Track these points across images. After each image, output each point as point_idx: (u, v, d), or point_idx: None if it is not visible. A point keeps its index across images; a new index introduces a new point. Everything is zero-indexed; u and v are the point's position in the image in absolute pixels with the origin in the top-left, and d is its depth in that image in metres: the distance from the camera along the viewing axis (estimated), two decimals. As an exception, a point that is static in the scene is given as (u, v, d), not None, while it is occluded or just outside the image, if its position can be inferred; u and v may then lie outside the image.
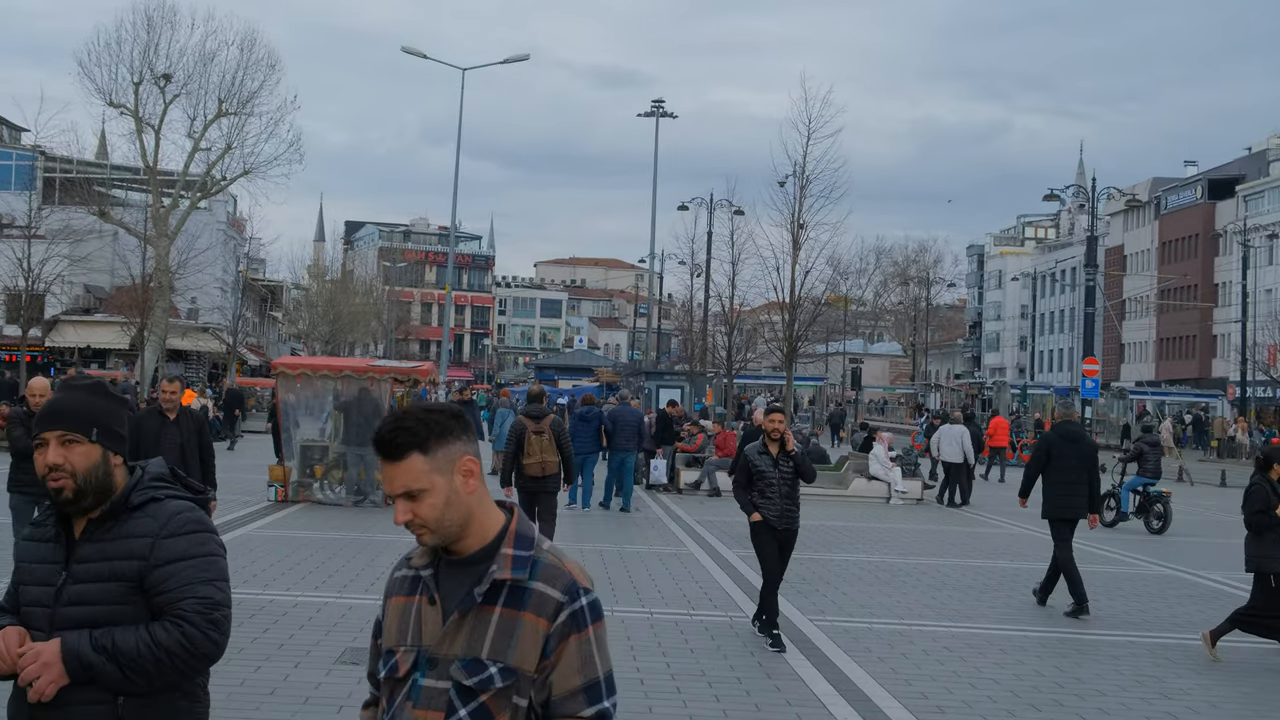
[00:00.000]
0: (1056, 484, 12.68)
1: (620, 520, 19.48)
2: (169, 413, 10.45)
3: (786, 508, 10.40)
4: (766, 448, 10.40)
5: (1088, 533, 20.50)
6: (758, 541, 10.45)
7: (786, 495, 10.39)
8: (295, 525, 16.88)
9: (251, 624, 9.86)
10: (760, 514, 10.30)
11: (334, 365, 20.24)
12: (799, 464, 10.48)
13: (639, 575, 13.60)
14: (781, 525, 10.37)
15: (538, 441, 13.37)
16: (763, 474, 10.31)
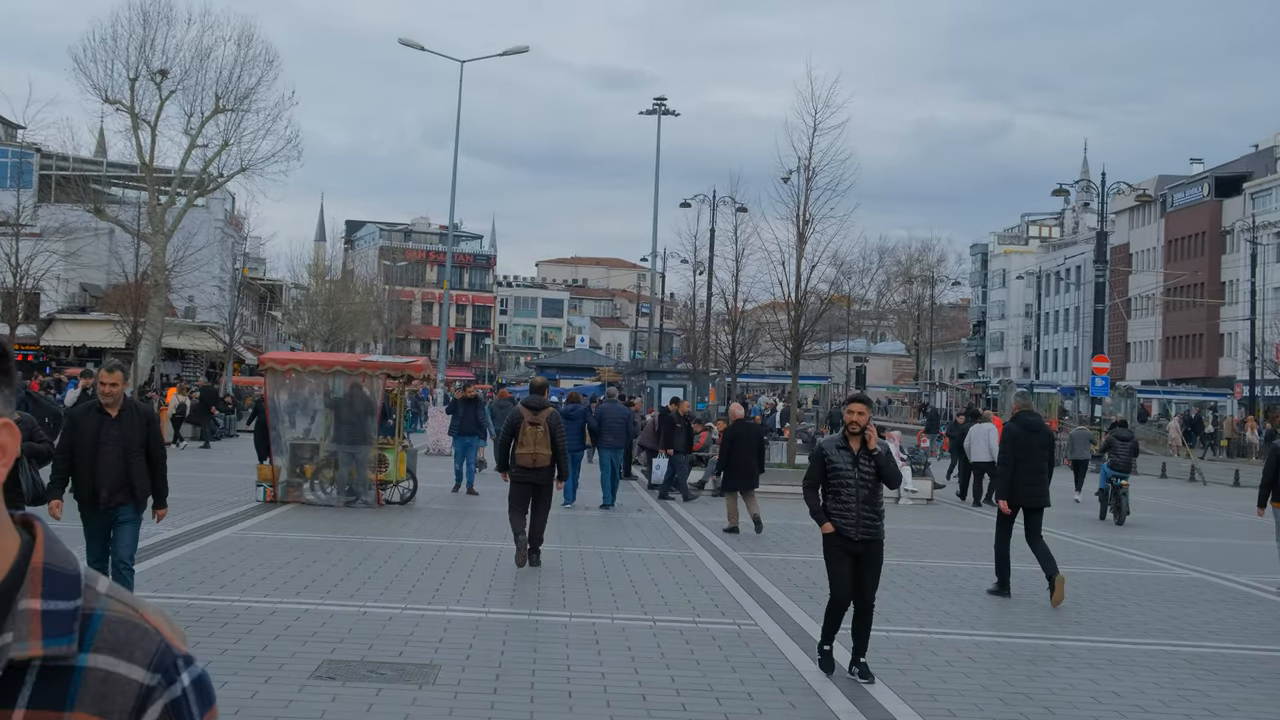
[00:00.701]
0: (1024, 473, 12.88)
1: (621, 521, 18.77)
2: (110, 409, 8.96)
3: (865, 515, 8.87)
4: (846, 442, 8.95)
5: (1106, 534, 19.93)
6: (829, 556, 9.02)
7: (865, 500, 8.88)
8: (282, 527, 16.16)
9: (222, 634, 9.15)
10: (833, 523, 8.89)
11: (325, 361, 19.51)
12: (881, 465, 8.99)
13: (641, 579, 12.90)
14: (859, 535, 8.86)
15: (532, 432, 13.36)
16: (839, 473, 8.88)
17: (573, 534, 16.69)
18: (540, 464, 13.41)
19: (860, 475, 8.87)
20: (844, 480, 8.86)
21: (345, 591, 11.24)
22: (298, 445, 19.23)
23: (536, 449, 13.36)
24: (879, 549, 9.01)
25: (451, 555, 14.03)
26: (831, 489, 8.94)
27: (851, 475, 8.86)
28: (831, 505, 8.93)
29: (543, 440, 13.39)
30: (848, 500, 8.88)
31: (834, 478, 8.92)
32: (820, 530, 9.02)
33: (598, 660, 8.97)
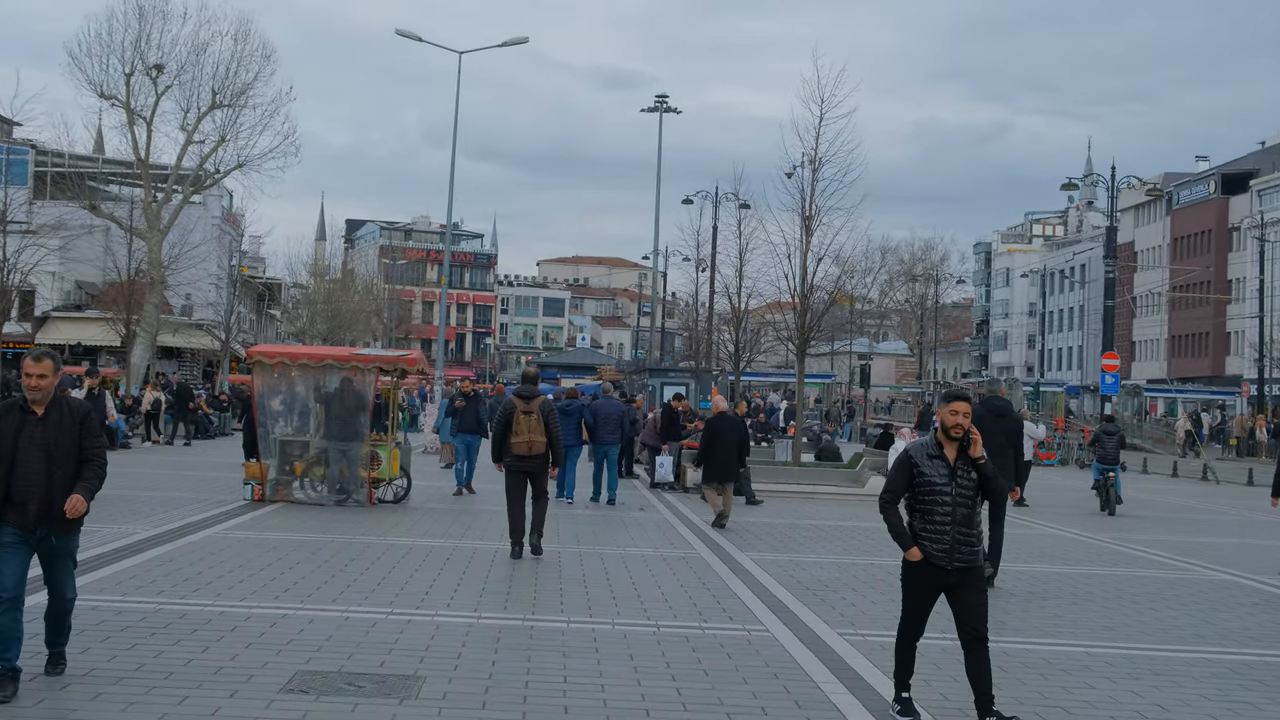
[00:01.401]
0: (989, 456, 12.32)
1: (623, 520, 18.06)
2: (36, 406, 7.33)
3: (961, 539, 7.25)
4: (940, 450, 7.33)
5: (1126, 534, 19.15)
6: (909, 584, 7.56)
7: (963, 521, 7.26)
8: (267, 526, 15.44)
9: (190, 642, 8.44)
10: (921, 549, 7.30)
11: (315, 354, 18.78)
12: (986, 477, 7.39)
13: (643, 581, 12.18)
14: (953, 564, 7.27)
15: (526, 421, 13.48)
16: (931, 486, 7.26)
17: (572, 534, 15.98)
18: (536, 451, 13.51)
19: (958, 491, 7.28)
20: (938, 497, 7.26)
21: (328, 595, 10.53)
22: (287, 442, 18.50)
23: (531, 437, 13.47)
24: (979, 575, 7.46)
25: (444, 556, 13.33)
26: (920, 507, 7.34)
27: (947, 490, 7.25)
28: (919, 526, 7.34)
29: (536, 428, 13.50)
30: (941, 521, 7.26)
31: (924, 493, 7.31)
32: (904, 554, 7.47)
33: (597, 670, 8.26)
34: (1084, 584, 13.43)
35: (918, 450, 7.43)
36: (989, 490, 7.45)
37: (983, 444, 13.09)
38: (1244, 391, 66.43)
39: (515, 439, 13.51)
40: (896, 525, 7.42)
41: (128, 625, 8.86)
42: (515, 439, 13.51)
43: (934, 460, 7.31)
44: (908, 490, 7.39)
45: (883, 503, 7.48)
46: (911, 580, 7.55)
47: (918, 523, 7.36)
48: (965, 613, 7.47)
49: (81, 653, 7.90)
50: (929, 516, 7.30)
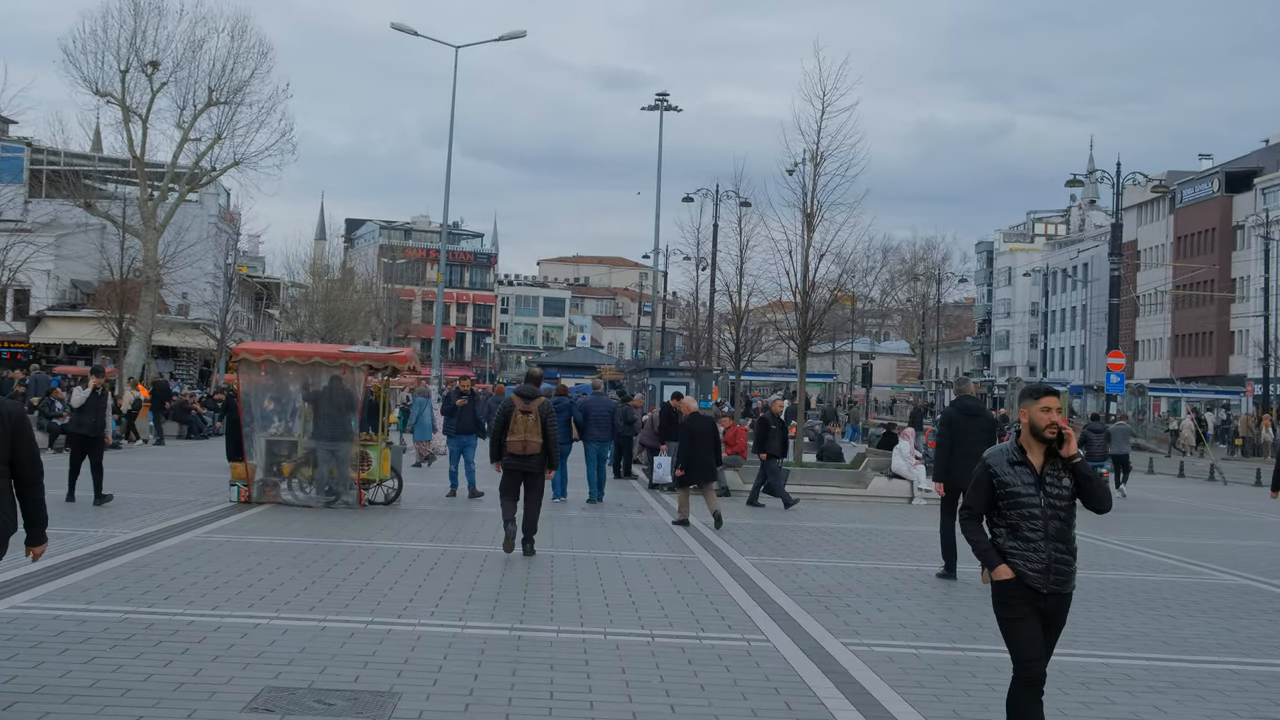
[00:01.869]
0: (961, 456, 12.83)
1: (620, 522, 17.53)
2: None
3: (1058, 556, 6.26)
4: (1024, 456, 6.32)
5: (1138, 537, 18.58)
6: (1006, 611, 6.34)
7: (1058, 535, 6.26)
8: (251, 529, 14.93)
9: (153, 655, 7.93)
10: (1012, 567, 6.27)
11: (302, 352, 18.24)
12: (1085, 477, 6.34)
13: (639, 587, 11.67)
14: (1048, 586, 6.26)
15: (523, 420, 13.55)
16: (1017, 499, 6.27)
17: (565, 537, 15.47)
18: (531, 451, 13.56)
19: (1049, 500, 6.27)
20: (1026, 509, 6.27)
21: (305, 603, 10.01)
22: (274, 442, 17.98)
23: (527, 436, 13.53)
24: (1068, 606, 6.46)
25: (431, 560, 12.82)
26: (1007, 522, 6.32)
27: (1036, 501, 6.26)
28: (1006, 544, 6.32)
29: (534, 428, 13.56)
30: (1032, 536, 6.23)
31: (1010, 506, 6.30)
32: (992, 576, 6.35)
33: (586, 685, 7.75)
34: (1097, 589, 12.92)
35: (997, 458, 6.40)
36: (1089, 495, 6.37)
37: (961, 444, 13.03)
38: (1248, 391, 65.89)
39: (512, 438, 13.58)
40: (980, 541, 6.39)
41: (89, 636, 8.36)
42: (512, 438, 13.58)
43: (1017, 467, 6.31)
44: (989, 506, 6.40)
45: (962, 520, 6.52)
46: (1006, 603, 6.31)
47: (1007, 539, 6.32)
48: (1045, 647, 6.48)
49: (34, 667, 7.41)
50: (1019, 532, 6.27)
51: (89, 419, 17.29)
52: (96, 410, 17.35)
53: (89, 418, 17.29)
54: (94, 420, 17.31)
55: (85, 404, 17.27)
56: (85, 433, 17.25)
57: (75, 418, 17.60)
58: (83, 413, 17.35)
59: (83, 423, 17.32)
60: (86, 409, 17.30)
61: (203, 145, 47.99)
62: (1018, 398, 6.38)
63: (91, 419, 17.29)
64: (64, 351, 58.25)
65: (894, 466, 23.85)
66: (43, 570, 10.80)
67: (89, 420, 17.28)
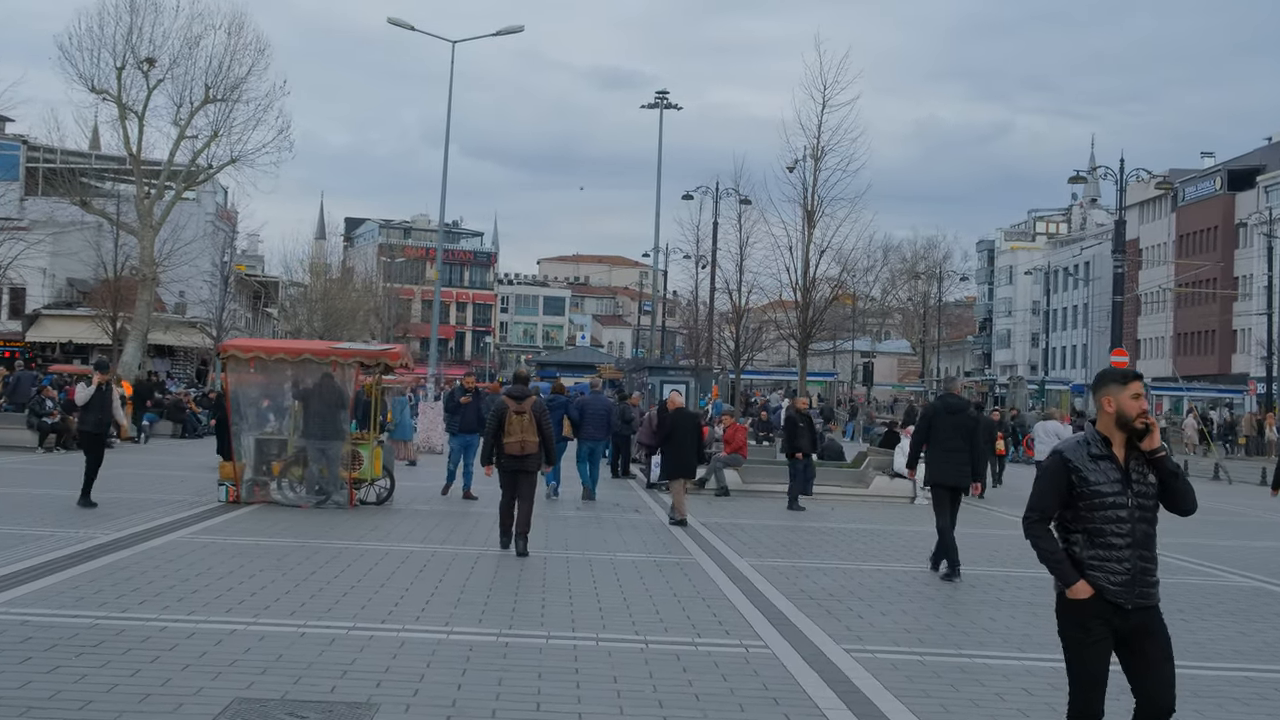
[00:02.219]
0: (938, 452, 13.10)
1: (617, 522, 17.15)
2: None
3: (1143, 565, 5.37)
4: (1108, 449, 5.41)
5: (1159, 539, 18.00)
6: (1074, 634, 5.47)
7: (1142, 541, 5.37)
8: (238, 530, 14.55)
9: (120, 664, 7.55)
10: (1090, 581, 5.34)
11: (292, 349, 17.85)
12: (1170, 474, 5.48)
13: (634, 590, 11.29)
14: (1133, 601, 5.35)
15: (518, 421, 13.54)
16: (1100, 498, 5.34)
17: (560, 537, 15.10)
18: (529, 451, 13.57)
19: (1137, 502, 5.37)
20: (1110, 511, 5.34)
21: (286, 607, 9.63)
22: (264, 441, 17.61)
23: (524, 436, 13.53)
24: (1161, 619, 5.49)
25: (421, 562, 12.43)
26: (1085, 526, 5.39)
27: (1122, 501, 5.34)
28: (1084, 553, 5.39)
29: (529, 428, 13.58)
30: (1116, 542, 5.34)
31: (1090, 506, 5.36)
32: (1067, 593, 5.42)
33: (574, 695, 7.37)
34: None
35: (1075, 451, 5.43)
36: (1174, 494, 5.48)
37: (940, 441, 13.05)
38: (1251, 389, 65.51)
39: (508, 439, 13.55)
40: (1052, 550, 5.43)
41: (55, 643, 7.98)
42: (508, 439, 13.55)
43: (1100, 462, 5.37)
44: (1064, 505, 5.45)
45: (1029, 524, 5.50)
46: (1080, 629, 5.41)
47: (1083, 549, 5.39)
48: (1148, 674, 5.42)
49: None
50: (1099, 537, 5.34)
51: (93, 416, 16.82)
52: (102, 407, 16.85)
53: (94, 415, 16.82)
54: (98, 417, 16.82)
55: (90, 401, 16.74)
56: (90, 430, 16.81)
57: (81, 415, 17.18)
58: (88, 410, 16.86)
59: (87, 420, 16.89)
60: (91, 406, 16.79)
61: (199, 143, 47.66)
62: (1096, 383, 5.51)
63: (97, 416, 16.82)
64: (60, 350, 57.91)
65: (896, 466, 23.46)
66: (16, 574, 10.45)
67: (93, 418, 16.82)
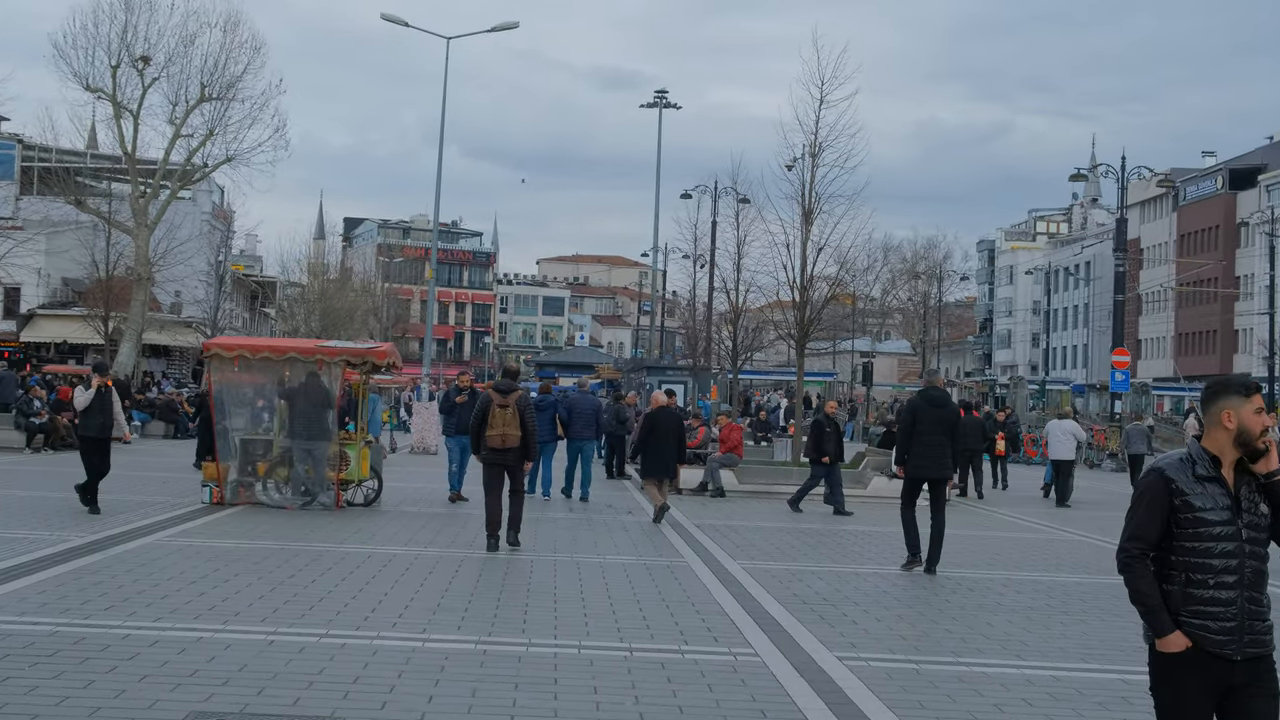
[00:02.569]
0: (922, 445, 13.32)
1: (608, 524, 16.80)
2: None
3: (1252, 609, 4.49)
4: (1218, 470, 4.57)
5: None
6: (1170, 691, 4.54)
7: (1253, 581, 4.49)
8: (217, 532, 14.19)
9: (75, 674, 7.18)
10: (1187, 631, 4.48)
11: (277, 347, 17.48)
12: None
13: (621, 594, 10.93)
14: (1242, 651, 4.48)
15: (501, 415, 13.69)
16: (1205, 527, 4.49)
17: (549, 539, 14.74)
18: (510, 444, 13.70)
19: (1248, 532, 4.51)
20: (1215, 540, 4.49)
21: (258, 613, 9.27)
22: (249, 441, 17.26)
23: (506, 430, 13.66)
24: (1272, 671, 4.57)
25: (403, 565, 12.08)
26: (1185, 559, 4.52)
27: (1231, 532, 4.50)
28: (1183, 591, 4.53)
29: (512, 422, 13.70)
30: (1225, 578, 4.46)
31: (1193, 536, 4.51)
32: (1159, 646, 4.54)
33: (551, 707, 7.01)
34: (1109, 594, 12.18)
35: (1178, 470, 4.59)
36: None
37: (923, 434, 13.37)
38: (1254, 389, 65.10)
39: (490, 432, 13.70)
40: (1148, 594, 4.55)
41: (9, 652, 7.61)
42: (490, 432, 13.70)
43: (1207, 485, 4.54)
44: (1163, 534, 4.58)
45: (1129, 558, 4.58)
46: (1175, 686, 4.53)
47: (1180, 586, 4.53)
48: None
49: (-63, 689, 6.67)
50: (1200, 573, 4.48)
51: (95, 420, 15.83)
52: (103, 410, 15.86)
53: (95, 419, 15.83)
54: (101, 421, 15.84)
55: (90, 405, 15.74)
56: (93, 435, 15.84)
57: (82, 420, 16.08)
58: (89, 415, 15.86)
59: (89, 425, 15.88)
60: (92, 410, 15.81)
61: (195, 141, 47.33)
62: (1211, 393, 4.65)
63: (99, 420, 15.83)
64: (54, 350, 57.59)
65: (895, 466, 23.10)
66: (-20, 578, 10.09)
67: (95, 422, 15.83)
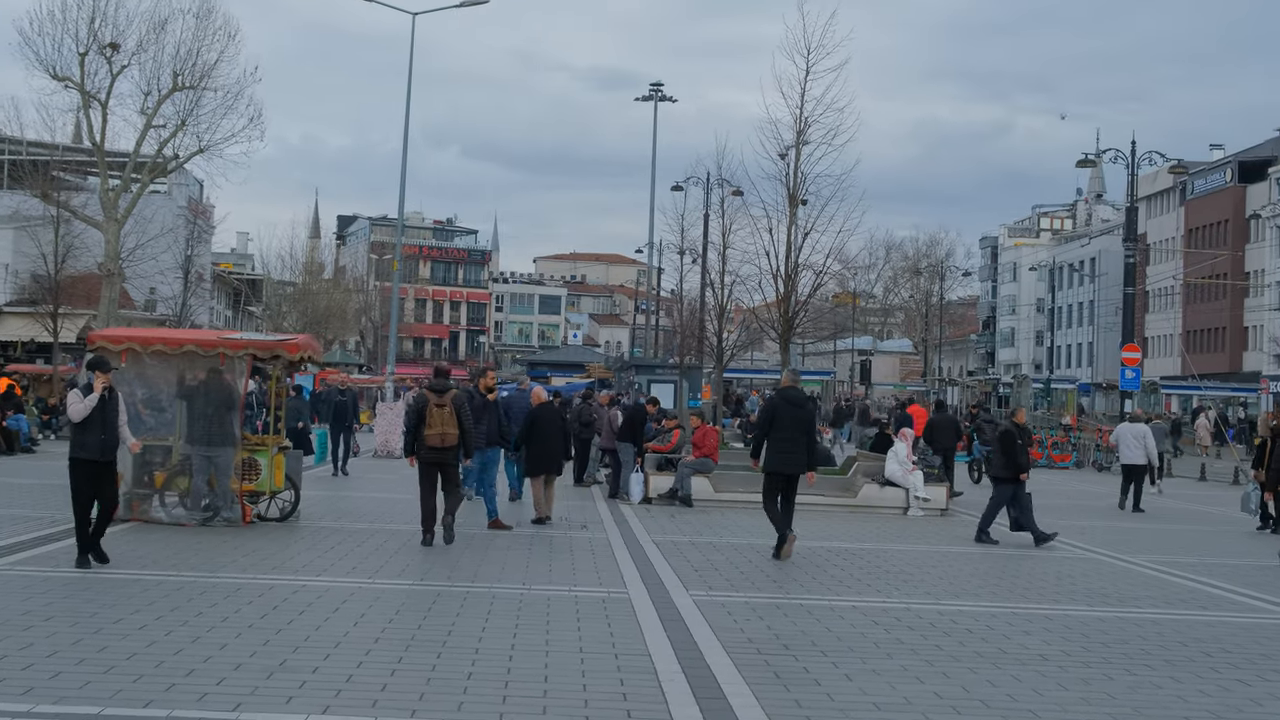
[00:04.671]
0: (778, 442, 13.72)
1: (552, 543, 14.63)
2: None
3: None
4: None
5: (1181, 559, 15.39)
6: None
7: None
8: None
9: None
10: None
11: (172, 339, 15.23)
12: None
13: (529, 643, 8.76)
14: None
15: (439, 414, 13.91)
16: None
17: (473, 562, 12.60)
18: (449, 444, 13.96)
19: None
20: None
21: (75, 680, 7.13)
22: (146, 447, 15.09)
23: (444, 429, 13.89)
24: None
25: (305, 601, 9.94)
26: None
27: None
28: None
29: (449, 420, 13.93)
30: None
31: None
32: None
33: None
34: (1136, 634, 10.06)
35: None
36: None
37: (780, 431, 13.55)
38: (1264, 388, 62.97)
39: (429, 431, 13.88)
40: None
41: None
42: (429, 431, 13.88)
43: None
44: None
45: None
46: None
47: None
48: None
49: None
50: None
51: (95, 437, 11.57)
52: (105, 424, 11.61)
53: (95, 435, 11.56)
54: (102, 438, 11.61)
55: (91, 417, 11.53)
56: (95, 458, 11.61)
57: (76, 437, 11.67)
58: (87, 430, 11.55)
59: (88, 443, 11.57)
60: (92, 424, 11.54)
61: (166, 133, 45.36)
62: None
63: (99, 437, 11.57)
64: (22, 349, 55.55)
65: (888, 472, 20.97)
66: None
67: (95, 439, 11.57)
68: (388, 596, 10.50)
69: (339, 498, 18.62)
